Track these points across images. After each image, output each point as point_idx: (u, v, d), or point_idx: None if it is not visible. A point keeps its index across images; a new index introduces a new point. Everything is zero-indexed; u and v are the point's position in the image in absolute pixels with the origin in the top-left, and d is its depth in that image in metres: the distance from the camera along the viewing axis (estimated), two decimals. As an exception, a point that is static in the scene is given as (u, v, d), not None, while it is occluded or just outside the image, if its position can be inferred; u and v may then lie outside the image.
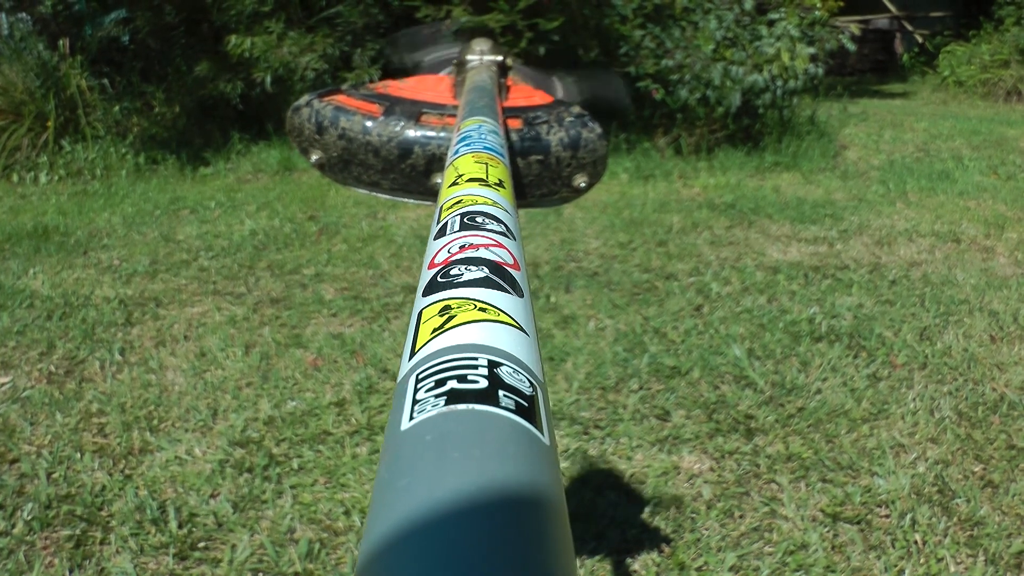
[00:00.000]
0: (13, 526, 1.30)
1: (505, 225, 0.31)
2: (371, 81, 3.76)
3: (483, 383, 0.19)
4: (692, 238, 2.95)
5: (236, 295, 2.34)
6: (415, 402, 0.19)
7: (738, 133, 4.55)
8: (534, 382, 0.20)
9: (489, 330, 0.22)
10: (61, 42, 4.49)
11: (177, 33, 5.07)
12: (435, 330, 0.22)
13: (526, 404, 0.19)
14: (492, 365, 0.20)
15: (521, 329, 0.23)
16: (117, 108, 4.56)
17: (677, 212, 3.34)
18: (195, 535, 1.29)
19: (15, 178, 4.06)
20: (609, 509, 1.36)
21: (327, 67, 4.56)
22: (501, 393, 0.19)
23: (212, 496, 1.39)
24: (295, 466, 1.47)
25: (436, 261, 0.27)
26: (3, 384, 1.79)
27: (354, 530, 1.29)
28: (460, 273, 0.26)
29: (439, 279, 0.26)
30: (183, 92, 4.77)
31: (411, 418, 0.18)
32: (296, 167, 4.25)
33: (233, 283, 2.45)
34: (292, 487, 1.40)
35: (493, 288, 0.25)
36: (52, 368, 1.86)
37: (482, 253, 0.27)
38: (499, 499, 0.15)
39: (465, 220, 0.31)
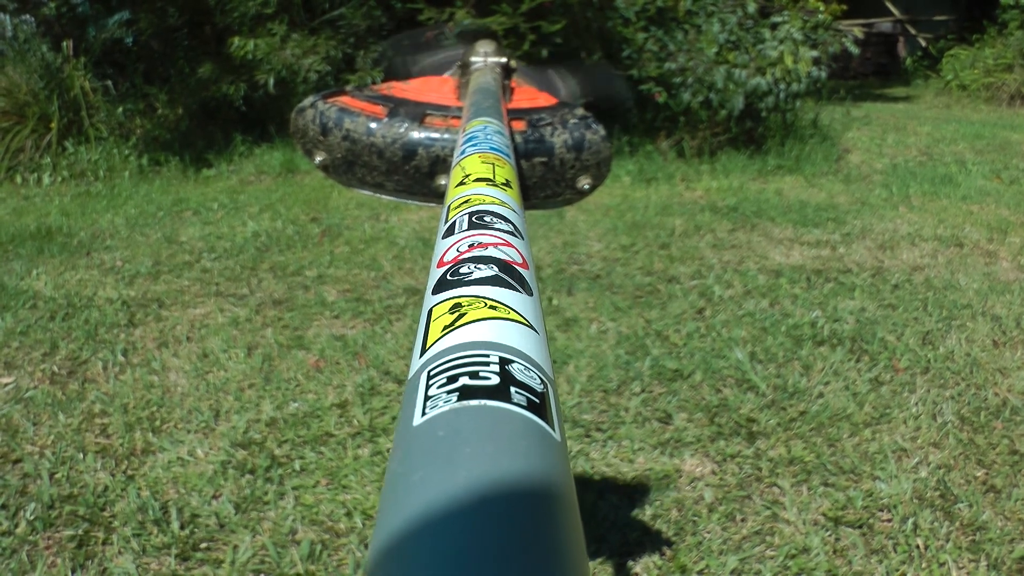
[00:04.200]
0: (16, 526, 1.30)
1: (513, 224, 0.31)
2: (374, 83, 3.76)
3: (495, 379, 0.19)
4: (694, 241, 2.95)
5: (238, 296, 2.35)
6: (427, 398, 0.19)
7: (741, 136, 4.56)
8: (544, 379, 0.20)
9: (500, 327, 0.22)
10: (65, 44, 4.50)
11: (180, 35, 5.08)
12: (446, 327, 0.22)
13: (537, 400, 0.19)
14: (503, 362, 0.20)
15: (531, 327, 0.23)
16: (120, 110, 4.57)
17: (679, 215, 3.34)
18: (197, 536, 1.29)
19: (19, 179, 4.07)
20: (611, 512, 1.36)
21: (330, 69, 4.57)
22: (513, 389, 0.19)
23: (214, 497, 1.39)
24: (297, 467, 1.47)
25: (445, 259, 0.27)
26: (6, 384, 1.80)
27: (356, 531, 1.29)
28: (470, 271, 0.26)
29: (449, 277, 0.26)
30: (186, 94, 4.78)
31: (423, 414, 0.18)
32: (299, 169, 4.25)
33: (235, 284, 2.45)
34: (294, 488, 1.40)
35: (503, 286, 0.25)
36: (55, 369, 1.86)
37: (491, 252, 0.27)
38: (512, 494, 0.15)
39: (473, 219, 0.31)
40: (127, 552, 1.24)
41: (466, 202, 0.33)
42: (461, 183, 0.37)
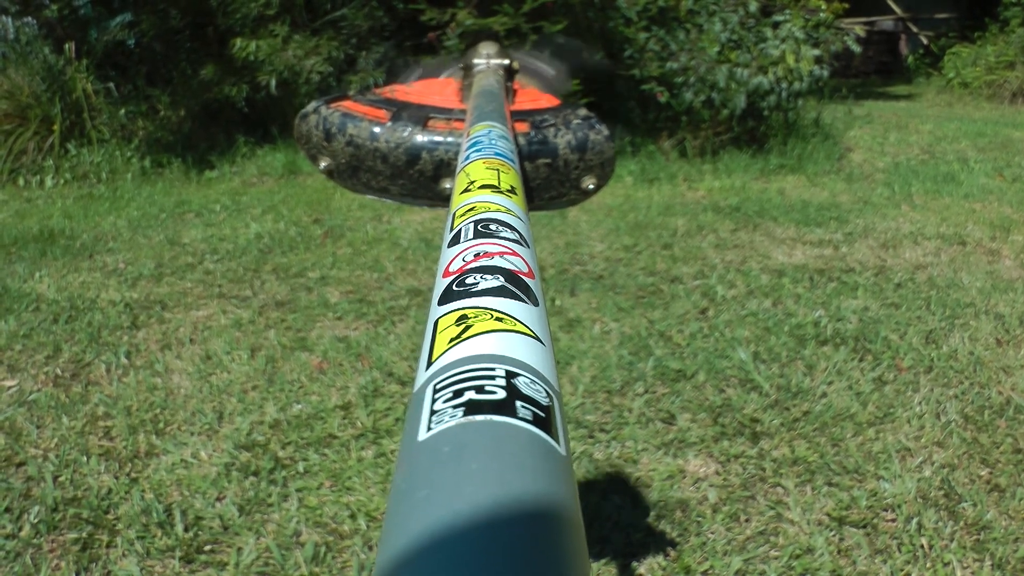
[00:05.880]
0: (20, 529, 1.31)
1: (519, 232, 0.31)
2: (376, 84, 3.76)
3: (501, 394, 0.19)
4: (697, 241, 2.95)
5: (241, 298, 2.35)
6: (432, 412, 0.19)
7: (743, 135, 4.55)
8: (550, 392, 0.20)
9: (506, 340, 0.22)
10: (67, 46, 4.50)
11: (182, 37, 5.09)
12: (452, 340, 0.22)
13: (543, 415, 0.19)
14: (509, 375, 0.20)
15: (537, 339, 0.23)
16: (122, 112, 4.57)
17: (682, 215, 3.34)
18: (201, 538, 1.29)
19: (21, 182, 4.08)
20: (614, 513, 1.36)
21: (332, 70, 4.57)
22: (518, 404, 0.19)
23: (218, 499, 1.39)
24: (301, 469, 1.47)
25: (451, 269, 0.27)
26: (10, 387, 1.80)
27: (360, 533, 1.29)
28: (476, 282, 0.26)
29: (454, 288, 0.26)
30: (188, 95, 4.79)
31: (428, 429, 0.18)
32: (301, 170, 4.26)
33: (238, 286, 2.45)
34: (298, 490, 1.40)
35: (509, 297, 0.25)
36: (58, 371, 1.87)
37: (497, 261, 0.27)
38: (517, 511, 0.15)
39: (479, 228, 0.31)
40: (131, 555, 1.24)
41: (471, 210, 0.33)
42: (466, 190, 0.37)
